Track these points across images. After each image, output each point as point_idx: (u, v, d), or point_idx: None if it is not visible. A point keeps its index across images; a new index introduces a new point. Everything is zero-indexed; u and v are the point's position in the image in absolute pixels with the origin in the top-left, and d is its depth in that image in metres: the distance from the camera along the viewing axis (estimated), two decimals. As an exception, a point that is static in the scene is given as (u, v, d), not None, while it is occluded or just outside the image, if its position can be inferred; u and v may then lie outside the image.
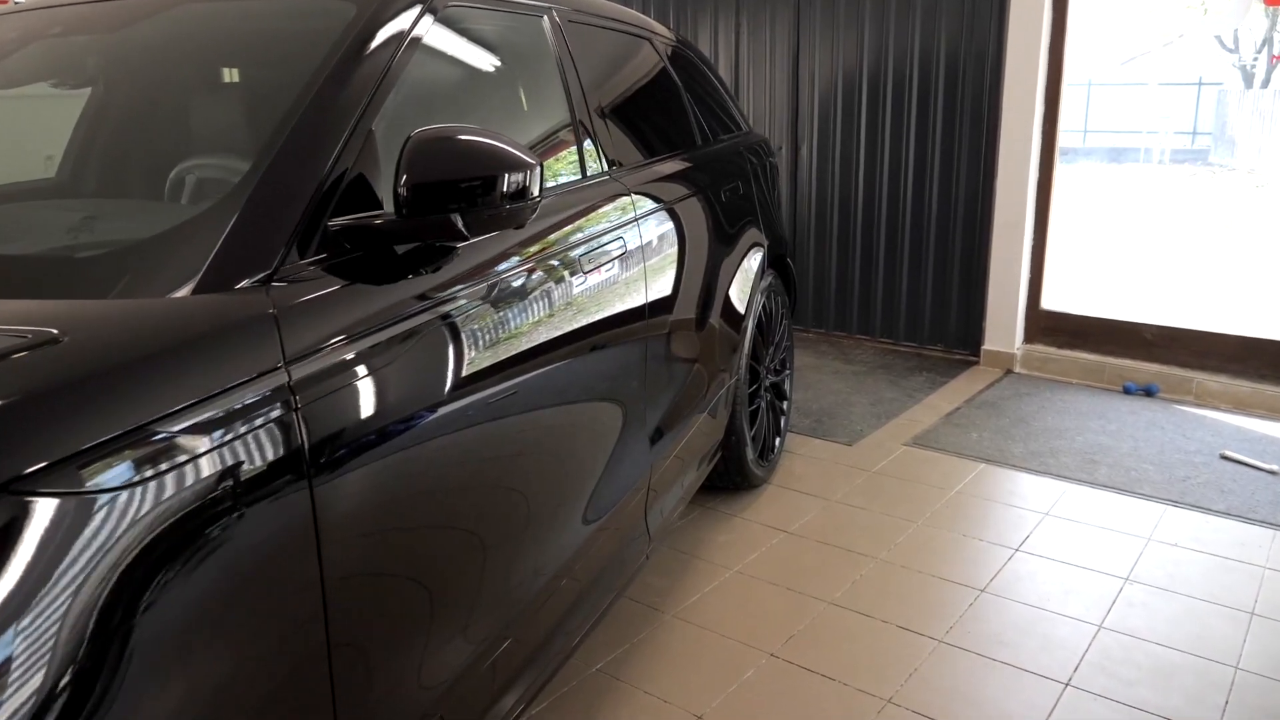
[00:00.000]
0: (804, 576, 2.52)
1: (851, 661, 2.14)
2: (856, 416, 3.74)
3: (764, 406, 3.08)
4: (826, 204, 4.82)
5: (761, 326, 3.00)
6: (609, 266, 1.85)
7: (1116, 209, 10.90)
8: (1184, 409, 3.77)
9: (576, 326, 1.69)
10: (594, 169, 2.00)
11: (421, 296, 1.30)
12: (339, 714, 1.13)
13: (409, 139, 1.25)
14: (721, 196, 2.66)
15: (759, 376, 3.03)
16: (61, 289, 1.12)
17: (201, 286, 1.08)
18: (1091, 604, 2.36)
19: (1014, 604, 2.37)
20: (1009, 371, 4.30)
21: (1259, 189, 12.92)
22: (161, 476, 0.89)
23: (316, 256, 1.21)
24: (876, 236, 4.68)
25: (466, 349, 1.38)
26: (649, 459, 2.09)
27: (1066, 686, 2.04)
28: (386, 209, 1.32)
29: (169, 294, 1.06)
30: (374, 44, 1.43)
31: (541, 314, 1.59)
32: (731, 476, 2.93)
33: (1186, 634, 2.22)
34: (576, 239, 1.76)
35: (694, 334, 2.38)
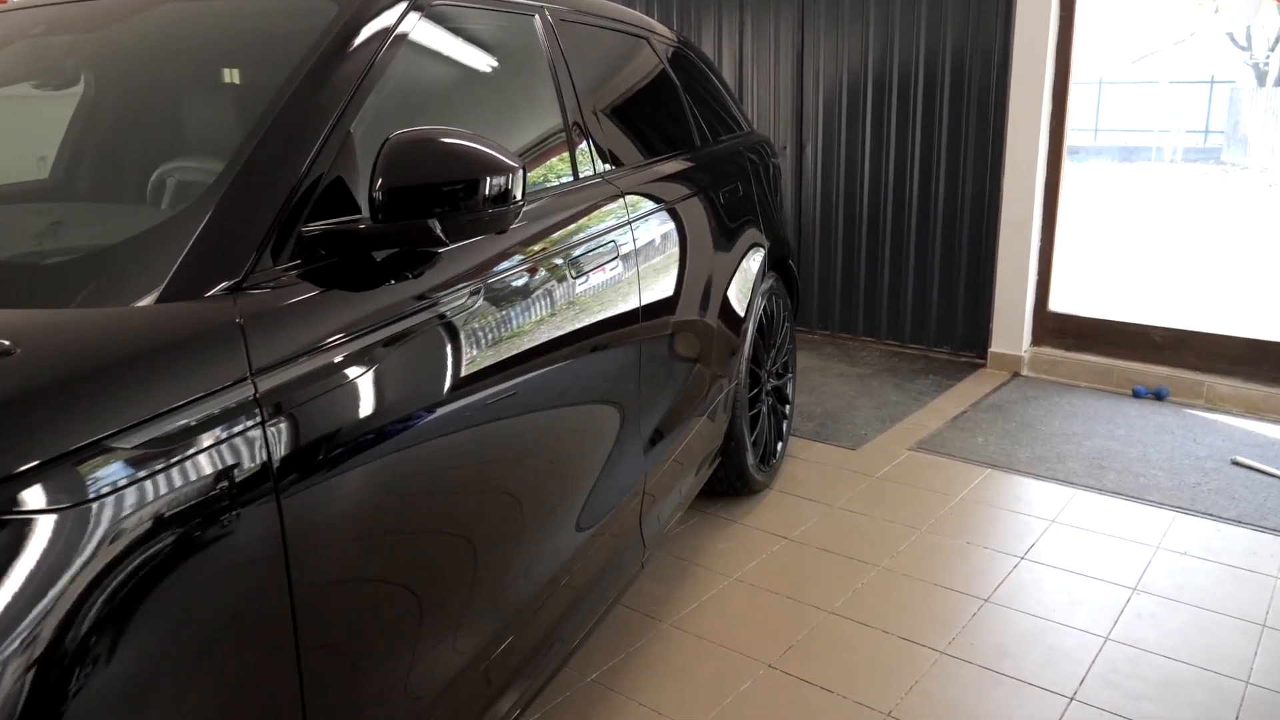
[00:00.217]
0: (804, 585, 2.47)
1: (851, 673, 2.09)
2: (861, 420, 3.69)
3: (765, 411, 3.03)
4: (831, 204, 4.76)
5: (762, 329, 2.96)
6: (600, 270, 1.81)
7: (1127, 209, 10.80)
8: (1194, 413, 3.71)
9: (565, 332, 1.65)
10: (586, 171, 1.96)
11: (400, 304, 1.26)
12: None
13: (386, 141, 1.22)
14: (720, 198, 2.61)
15: (760, 380, 2.98)
16: (23, 298, 1.08)
17: (166, 295, 1.04)
18: (1098, 615, 2.30)
19: (1018, 614, 2.31)
20: (1016, 374, 4.25)
21: (1272, 188, 12.80)
22: (114, 495, 0.86)
23: (291, 263, 1.18)
24: (882, 237, 4.63)
25: (448, 358, 1.34)
26: (643, 467, 2.05)
27: (1071, 701, 1.99)
28: (367, 214, 1.28)
29: (132, 303, 1.03)
30: (354, 44, 1.40)
31: (528, 320, 1.55)
32: (731, 482, 2.89)
33: (1195, 646, 2.17)
34: (565, 243, 1.72)
35: (691, 338, 2.33)
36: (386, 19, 1.47)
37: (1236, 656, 2.13)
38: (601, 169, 2.02)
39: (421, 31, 1.56)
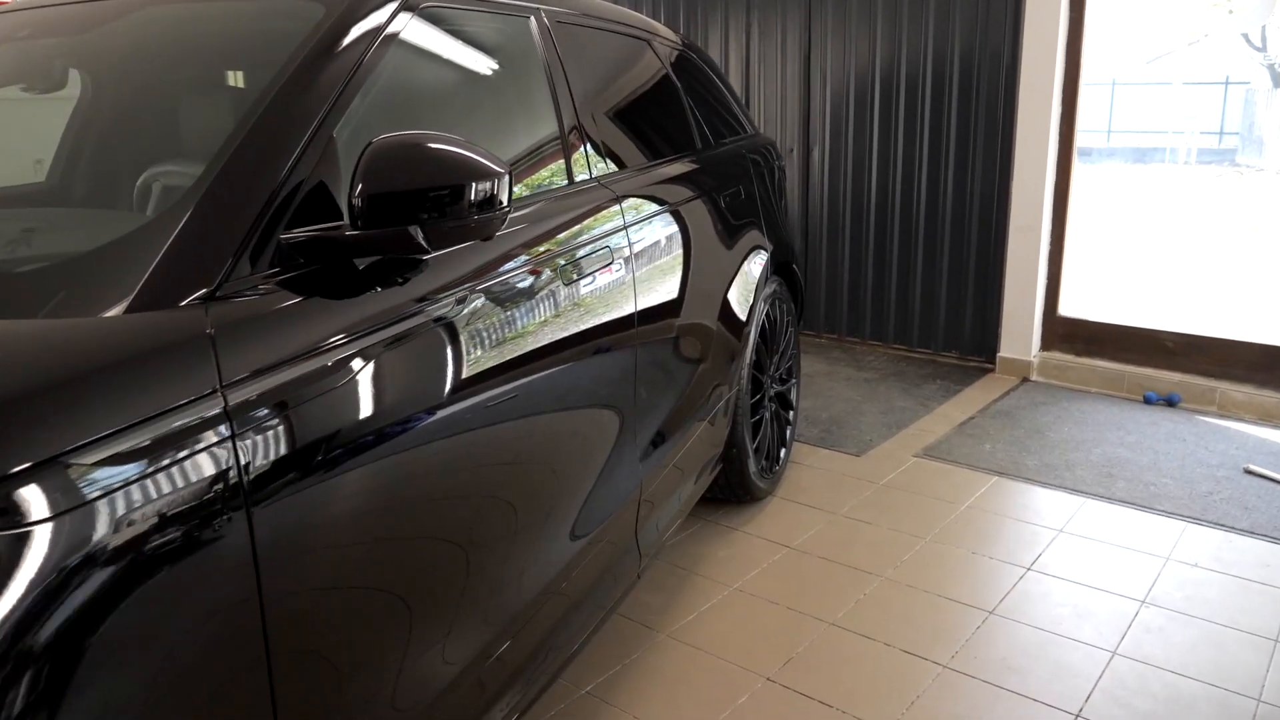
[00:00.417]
0: (805, 595, 2.43)
1: (851, 687, 2.05)
2: (866, 426, 3.65)
3: (768, 417, 2.99)
4: (839, 206, 4.72)
5: (765, 334, 2.92)
6: (593, 276, 1.78)
7: (1140, 210, 10.70)
8: (1206, 420, 3.64)
9: (555, 340, 1.62)
10: (582, 176, 1.92)
11: (382, 313, 1.23)
12: None
13: (367, 146, 1.19)
14: (722, 201, 2.57)
15: (762, 386, 2.94)
16: (-10, 308, 1.05)
17: (136, 304, 1.01)
18: (1105, 628, 2.25)
19: (1024, 627, 2.27)
20: (1025, 379, 4.19)
21: (1287, 190, 12.64)
22: (70, 514, 0.83)
23: (270, 271, 1.15)
24: (890, 240, 4.58)
25: (431, 368, 1.31)
26: (639, 476, 2.01)
27: (1077, 718, 1.94)
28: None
29: (101, 313, 1.00)
30: (339, 47, 1.37)
31: (518, 328, 1.51)
32: (733, 489, 2.85)
33: (1205, 662, 2.12)
34: (558, 249, 1.69)
35: (690, 345, 2.29)
36: (372, 22, 1.44)
37: (1248, 673, 2.08)
38: (597, 173, 1.98)
39: (410, 34, 1.53)
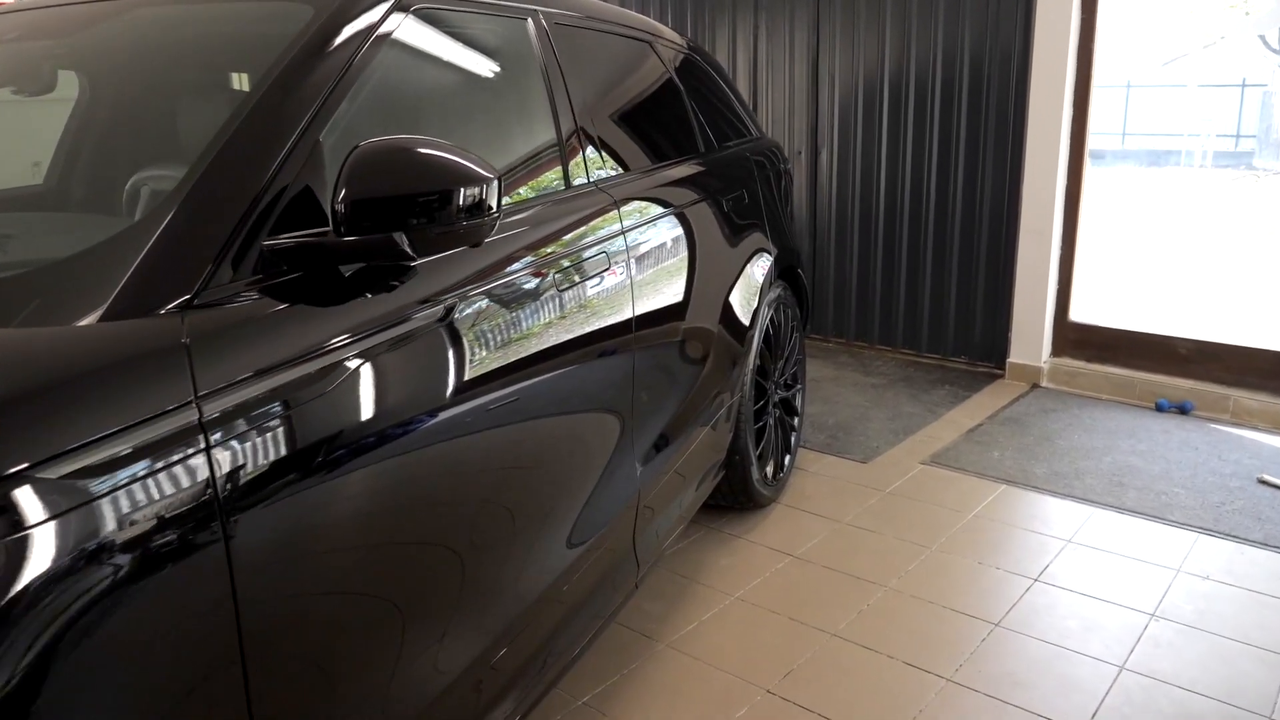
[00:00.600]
0: (807, 605, 2.39)
1: (852, 701, 2.01)
2: (873, 432, 3.60)
3: (772, 424, 2.95)
4: (847, 210, 4.68)
5: (769, 340, 2.88)
6: (589, 282, 1.75)
7: (1154, 214, 10.59)
8: (1220, 428, 3.58)
9: (550, 346, 1.59)
10: (579, 180, 1.89)
11: (366, 322, 1.20)
12: None
13: (353, 151, 1.16)
14: (724, 205, 2.54)
15: (766, 392, 2.90)
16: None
17: (111, 313, 0.99)
18: (1114, 642, 2.21)
19: (1030, 640, 2.22)
20: (1035, 386, 4.14)
21: (1305, 194, 12.49)
22: (38, 528, 0.80)
23: (252, 278, 1.12)
24: (899, 243, 4.53)
25: (416, 376, 1.28)
26: (636, 484, 1.98)
27: (1083, 734, 1.90)
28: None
29: (75, 321, 0.97)
30: (327, 49, 1.34)
31: (511, 335, 1.49)
32: (736, 496, 2.81)
33: (1216, 678, 2.07)
34: (553, 254, 1.66)
35: (690, 350, 2.26)
36: (362, 24, 1.42)
37: (1259, 689, 2.03)
38: (595, 177, 1.96)
39: (402, 36, 1.51)
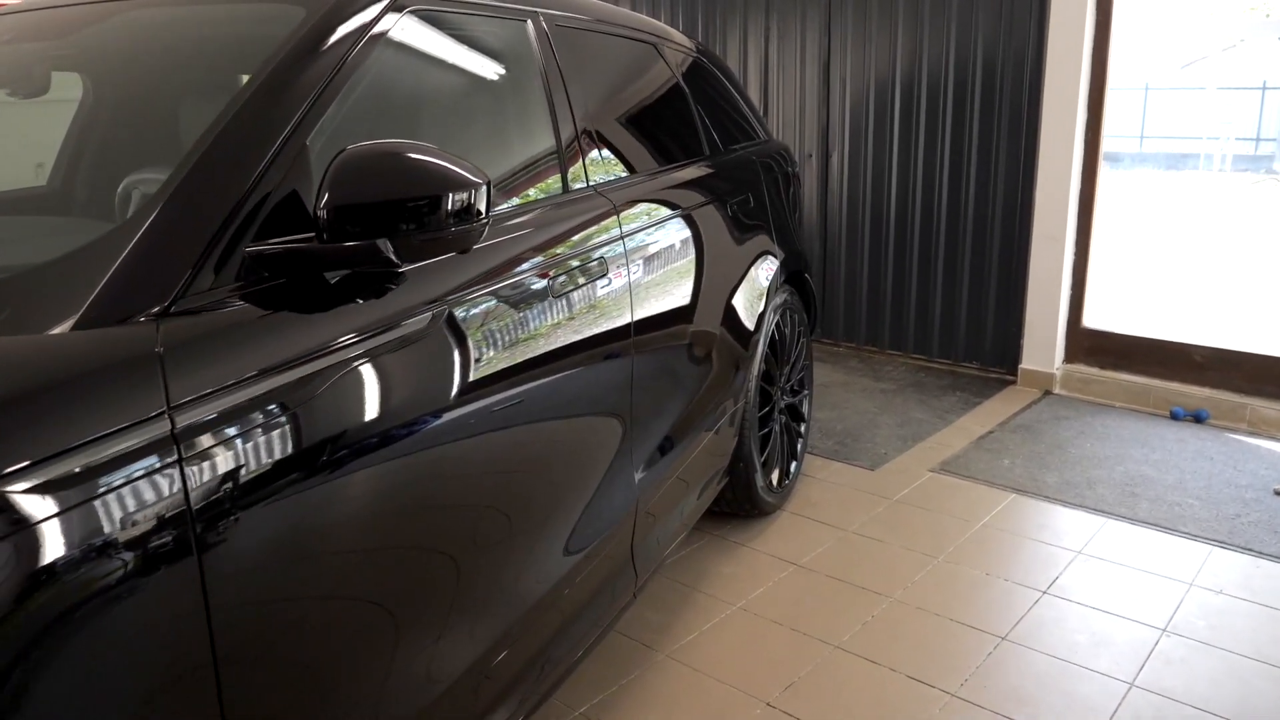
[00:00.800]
0: (811, 616, 2.36)
1: (853, 716, 1.98)
2: (882, 439, 3.56)
3: (777, 430, 2.92)
4: (858, 213, 4.63)
5: (774, 345, 2.84)
6: (586, 287, 1.72)
7: (1172, 218, 10.47)
8: (1236, 438, 3.52)
9: (544, 353, 1.56)
10: (578, 184, 1.87)
11: (350, 330, 1.18)
12: None
13: (338, 155, 1.14)
14: (728, 209, 2.51)
15: (771, 398, 2.87)
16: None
17: (84, 321, 0.96)
18: (1123, 658, 2.16)
19: (1037, 655, 2.18)
20: (1048, 393, 4.08)
21: (1326, 198, 12.33)
22: (2, 542, 0.78)
23: (234, 285, 1.10)
24: (910, 247, 4.48)
25: (401, 385, 1.25)
26: (634, 491, 1.95)
27: (1090, 753, 1.85)
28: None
29: (46, 329, 0.95)
30: (317, 51, 1.32)
31: (504, 341, 1.46)
32: (740, 503, 2.77)
33: (1228, 697, 2.02)
34: (548, 259, 1.63)
35: (691, 355, 2.23)
36: (354, 25, 1.39)
37: (1273, 708, 1.98)
38: (595, 181, 1.93)
39: (397, 38, 1.48)
